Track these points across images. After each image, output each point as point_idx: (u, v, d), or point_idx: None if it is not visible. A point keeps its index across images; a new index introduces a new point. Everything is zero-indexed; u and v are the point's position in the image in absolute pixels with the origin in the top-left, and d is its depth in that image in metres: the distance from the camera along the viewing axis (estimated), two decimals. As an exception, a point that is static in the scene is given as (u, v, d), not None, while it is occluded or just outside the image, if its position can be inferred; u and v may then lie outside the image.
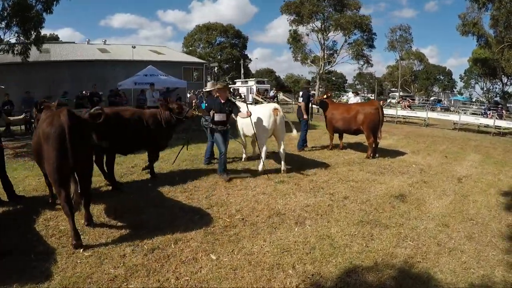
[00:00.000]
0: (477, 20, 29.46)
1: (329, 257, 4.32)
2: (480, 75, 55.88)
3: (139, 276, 3.80)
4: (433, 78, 71.30)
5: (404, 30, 61.63)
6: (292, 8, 45.27)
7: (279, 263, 4.09)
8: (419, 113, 27.90)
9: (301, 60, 48.20)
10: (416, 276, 4.05)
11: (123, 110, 7.78)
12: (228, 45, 63.12)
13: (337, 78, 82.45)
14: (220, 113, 7.87)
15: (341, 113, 11.27)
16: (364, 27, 46.62)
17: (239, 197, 6.43)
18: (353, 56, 48.26)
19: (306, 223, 5.34)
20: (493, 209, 6.54)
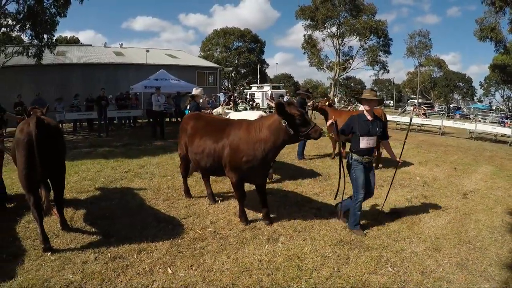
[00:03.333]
0: (495, 25, 28.89)
1: (291, 281, 4.05)
2: (498, 82, 55.04)
3: (92, 284, 3.80)
4: (452, 85, 70.19)
5: (423, 36, 60.94)
6: (307, 13, 45.56)
7: (234, 284, 3.90)
8: (434, 121, 27.25)
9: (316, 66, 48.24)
10: None
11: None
12: (245, 50, 63.34)
13: (356, 84, 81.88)
14: (368, 137, 5.56)
15: (342, 120, 11.03)
16: (380, 33, 46.57)
17: (219, 208, 6.29)
18: (369, 62, 48.12)
19: (279, 240, 5.12)
20: (496, 230, 5.97)
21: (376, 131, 5.64)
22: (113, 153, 11.30)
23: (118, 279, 3.88)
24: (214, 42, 63.84)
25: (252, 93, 42.96)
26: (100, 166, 9.17)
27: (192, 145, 6.19)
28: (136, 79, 22.44)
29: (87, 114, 18.18)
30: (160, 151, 11.47)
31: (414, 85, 66.00)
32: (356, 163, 5.63)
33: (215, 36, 63.82)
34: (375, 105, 5.82)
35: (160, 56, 34.16)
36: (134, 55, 32.52)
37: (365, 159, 5.61)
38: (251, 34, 64.39)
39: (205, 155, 5.94)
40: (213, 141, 5.88)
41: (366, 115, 5.71)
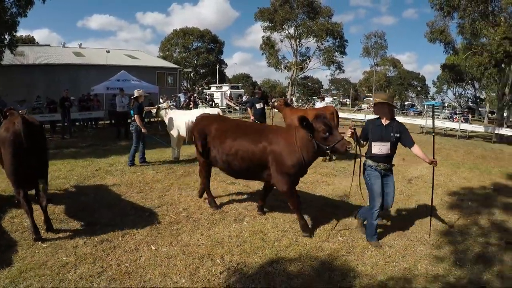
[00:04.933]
0: (444, 28, 30.28)
1: (257, 249, 4.84)
2: (448, 81, 57.44)
3: (86, 263, 4.28)
4: (406, 84, 73.04)
5: (379, 36, 63.00)
6: (266, 15, 45.97)
7: (210, 254, 4.61)
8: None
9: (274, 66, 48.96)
10: (337, 267, 4.50)
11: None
12: (205, 50, 63.17)
13: (313, 83, 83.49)
14: (380, 142, 5.28)
15: (297, 118, 11.84)
16: (335, 34, 47.69)
17: (189, 197, 6.93)
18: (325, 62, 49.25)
19: (244, 220, 5.88)
20: (435, 208, 6.94)
21: (390, 136, 5.26)
22: (80, 153, 11.57)
23: (108, 257, 4.42)
24: (174, 42, 63.31)
25: (211, 93, 43.28)
26: (71, 166, 9.47)
27: (222, 146, 5.90)
28: (97, 80, 22.38)
29: (50, 116, 18.00)
30: (127, 150, 11.55)
31: (370, 84, 68.05)
32: (370, 169, 5.38)
33: (175, 36, 63.29)
34: (385, 110, 5.35)
35: (121, 57, 34.02)
36: (94, 56, 32.25)
37: (381, 166, 5.33)
38: (210, 34, 64.32)
39: (239, 156, 5.71)
40: (250, 143, 5.67)
41: (381, 119, 5.40)
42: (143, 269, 4.16)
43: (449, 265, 4.75)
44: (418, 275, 4.43)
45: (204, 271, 4.21)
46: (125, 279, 3.96)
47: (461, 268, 4.64)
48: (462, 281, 4.36)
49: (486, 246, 5.36)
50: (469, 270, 4.59)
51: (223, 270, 4.25)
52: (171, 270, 4.16)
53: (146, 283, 3.88)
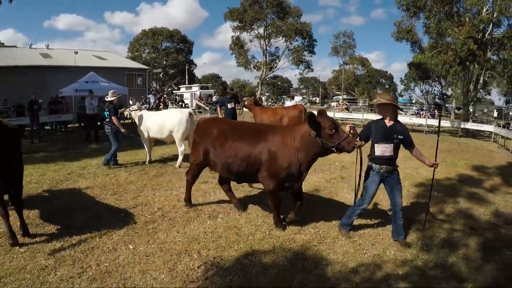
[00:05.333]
0: (411, 27, 31.13)
1: (233, 243, 5.03)
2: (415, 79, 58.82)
3: (66, 264, 4.34)
4: (375, 82, 74.25)
5: (347, 36, 63.93)
6: (235, 15, 45.98)
7: (187, 250, 4.77)
8: (355, 115, 29.59)
9: (244, 66, 49.06)
10: (310, 257, 4.75)
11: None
12: (174, 50, 62.59)
13: (283, 82, 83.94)
14: (383, 144, 5.21)
15: (268, 117, 12.14)
16: (304, 34, 48.14)
17: (163, 197, 7.04)
18: (294, 62, 49.68)
19: (218, 216, 6.07)
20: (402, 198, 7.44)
21: (394, 138, 5.20)
22: (51, 157, 11.40)
23: (87, 258, 4.50)
24: (142, 42, 62.42)
25: (181, 94, 43.05)
26: (42, 170, 9.38)
27: (223, 148, 5.83)
28: (66, 82, 21.88)
29: (18, 120, 17.42)
30: (97, 153, 11.72)
31: (339, 83, 69.06)
32: (372, 173, 5.37)
33: (143, 37, 62.39)
34: (389, 111, 5.27)
35: (89, 58, 33.32)
36: (62, 57, 31.44)
37: (383, 168, 5.27)
38: (180, 34, 63.66)
39: (239, 158, 5.64)
40: (249, 145, 5.61)
41: (384, 120, 5.33)
42: (123, 268, 4.28)
43: (417, 250, 5.07)
44: (387, 261, 4.71)
45: (182, 266, 4.36)
46: (105, 278, 4.06)
47: (428, 252, 4.97)
48: (429, 265, 4.67)
49: (452, 232, 5.74)
50: (436, 254, 4.93)
51: (201, 264, 4.42)
52: (150, 267, 4.29)
53: (126, 281, 4.00)
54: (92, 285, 3.93)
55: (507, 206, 7.38)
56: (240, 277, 4.18)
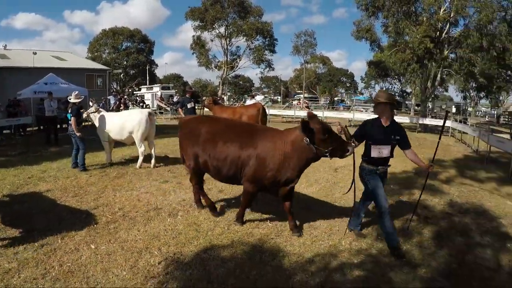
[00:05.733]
0: (370, 27, 31.79)
1: (192, 239, 5.19)
2: (374, 76, 60.21)
3: (29, 266, 4.36)
4: (336, 80, 75.34)
5: (309, 35, 64.60)
6: (197, 14, 45.64)
7: (148, 247, 4.90)
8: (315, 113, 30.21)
9: (205, 65, 48.86)
10: (267, 249, 4.95)
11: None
12: (135, 50, 61.22)
13: (244, 82, 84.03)
14: (380, 145, 5.05)
15: (228, 116, 12.26)
16: (265, 33, 48.34)
17: (124, 197, 7.09)
18: (255, 61, 49.86)
19: (178, 214, 6.20)
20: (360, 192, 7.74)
21: (391, 138, 5.06)
22: (10, 162, 11.07)
23: (50, 260, 4.53)
24: (103, 42, 60.60)
25: (142, 94, 42.42)
26: (2, 175, 9.15)
27: (213, 150, 5.59)
28: (24, 84, 21.14)
29: None
30: (58, 156, 11.53)
31: (301, 81, 69.60)
32: (370, 174, 5.20)
33: (104, 36, 60.54)
34: (387, 111, 5.08)
35: (48, 59, 32.04)
36: (20, 58, 30.14)
37: (380, 169, 5.17)
38: (140, 34, 62.30)
39: (228, 162, 5.44)
40: (239, 148, 5.39)
41: (381, 120, 5.13)
42: (85, 267, 4.35)
43: (372, 240, 5.36)
44: (343, 250, 4.96)
45: (143, 262, 4.49)
46: (68, 277, 4.12)
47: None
48: (383, 253, 4.94)
49: (406, 221, 5.98)
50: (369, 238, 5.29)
51: (161, 260, 4.55)
52: (112, 265, 4.39)
53: (89, 279, 4.08)
54: (56, 285, 3.98)
55: (461, 196, 7.89)
56: (199, 271, 4.33)
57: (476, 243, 5.45)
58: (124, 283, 4.02)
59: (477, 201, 7.69)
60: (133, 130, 9.63)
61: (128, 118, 9.87)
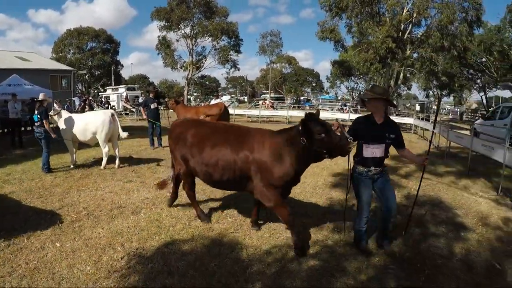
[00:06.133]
0: (334, 27, 32.44)
1: (154, 235, 5.40)
2: (338, 76, 61.27)
3: None
4: (302, 80, 76.22)
5: (275, 35, 65.31)
6: (162, 14, 45.32)
7: (111, 243, 5.08)
8: (281, 112, 30.69)
9: (171, 66, 48.60)
10: (226, 243, 5.19)
11: None
12: (100, 51, 60.18)
13: (211, 82, 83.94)
14: (374, 144, 4.70)
15: (191, 115, 12.40)
16: (231, 34, 48.54)
17: (88, 197, 7.19)
18: (220, 61, 49.95)
19: (141, 212, 6.38)
20: (318, 187, 8.23)
21: (385, 137, 4.69)
22: None
23: (16, 258, 4.62)
24: (67, 42, 59.17)
25: (107, 96, 41.76)
26: None
27: (201, 155, 5.34)
28: None
29: None
30: (23, 159, 11.37)
31: (267, 81, 70.16)
32: (360, 176, 4.81)
33: (68, 36, 59.13)
34: (380, 107, 4.74)
35: (11, 59, 31.21)
36: None
37: (372, 170, 4.76)
38: (106, 34, 61.23)
39: (220, 167, 5.15)
40: (231, 151, 5.09)
41: (374, 117, 4.77)
42: (51, 264, 4.49)
43: (328, 232, 5.64)
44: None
45: (107, 258, 4.67)
46: (34, 274, 4.24)
47: (338, 233, 5.56)
48: (339, 244, 5.24)
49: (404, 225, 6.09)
50: (346, 235, 5.49)
51: (124, 255, 4.74)
52: (76, 261, 4.55)
53: (54, 275, 4.22)
54: (23, 282, 4.10)
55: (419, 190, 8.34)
56: (160, 264, 4.53)
57: (431, 233, 5.77)
58: (88, 277, 4.19)
59: (434, 193, 8.13)
60: (97, 131, 9.62)
61: (91, 119, 9.86)
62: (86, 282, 4.08)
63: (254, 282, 4.20)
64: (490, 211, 7.01)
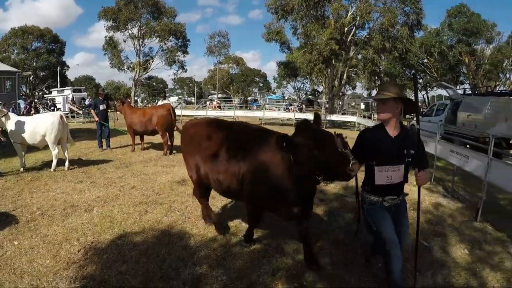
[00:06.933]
0: (280, 29, 33.10)
1: (107, 229, 5.67)
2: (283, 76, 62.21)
3: None
4: (249, 80, 76.46)
5: (222, 36, 65.16)
6: (110, 14, 44.22)
7: (67, 239, 5.29)
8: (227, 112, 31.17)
9: (118, 67, 47.60)
10: (175, 233, 5.54)
11: None
12: (45, 51, 56.95)
13: (158, 83, 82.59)
14: (389, 166, 3.44)
15: (138, 117, 12.56)
16: (178, 34, 48.19)
17: (41, 198, 7.24)
18: (167, 62, 49.51)
19: (94, 209, 6.59)
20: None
21: (403, 155, 3.41)
22: None
23: None
24: (11, 42, 55.30)
25: (53, 98, 40.22)
26: None
27: (213, 162, 4.70)
28: None
29: None
30: None
31: (215, 82, 69.88)
32: (373, 207, 3.64)
33: (12, 36, 55.24)
34: (395, 112, 3.38)
35: None
36: None
37: (388, 201, 3.59)
38: (51, 33, 57.81)
39: (229, 174, 4.51)
40: (237, 158, 4.44)
41: (386, 128, 3.46)
42: (11, 260, 4.62)
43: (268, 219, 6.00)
44: (242, 230, 5.58)
45: (64, 252, 4.88)
46: (-4, 270, 4.37)
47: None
48: (278, 229, 5.65)
49: None
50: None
51: (80, 249, 4.98)
52: (35, 256, 4.73)
53: (16, 270, 4.38)
54: (-16, 278, 4.21)
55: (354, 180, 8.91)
56: (115, 254, 4.82)
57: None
58: (48, 269, 4.41)
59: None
60: (46, 133, 9.45)
61: (40, 121, 9.66)
62: (46, 274, 4.31)
63: (201, 264, 4.64)
64: (422, 198, 7.61)
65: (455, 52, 44.40)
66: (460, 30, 44.06)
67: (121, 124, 16.47)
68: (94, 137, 14.11)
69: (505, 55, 43.19)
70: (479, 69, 44.74)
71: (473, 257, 5.14)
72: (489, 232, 6.10)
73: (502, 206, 7.83)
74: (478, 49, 44.85)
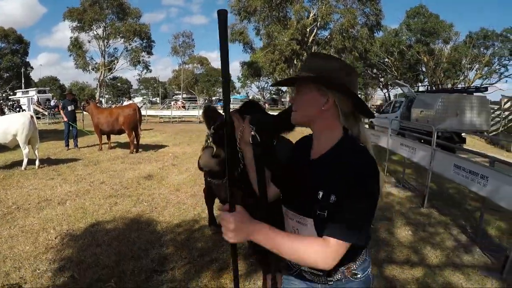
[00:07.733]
0: (243, 30, 33.46)
1: (81, 219, 6.04)
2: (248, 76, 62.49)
3: None
4: (214, 80, 76.04)
5: (187, 36, 64.53)
6: (75, 15, 43.37)
7: (44, 228, 5.63)
8: (191, 112, 31.26)
9: (82, 67, 46.77)
10: (143, 221, 5.99)
11: None
12: (9, 52, 54.80)
13: (123, 83, 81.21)
14: (294, 213, 1.64)
15: (105, 117, 12.76)
16: (143, 35, 47.78)
17: (15, 194, 7.45)
18: (132, 63, 49.02)
19: (67, 203, 6.91)
20: None
21: (316, 200, 1.53)
22: None
23: None
24: None
25: (17, 99, 39.15)
26: None
27: None
28: None
29: None
30: None
31: (179, 82, 69.27)
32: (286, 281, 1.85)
33: None
34: (312, 101, 1.61)
35: None
36: None
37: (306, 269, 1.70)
38: (15, 34, 55.57)
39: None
40: None
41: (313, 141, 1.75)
42: (-8, 250, 4.90)
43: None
44: (204, 217, 6.05)
45: (43, 239, 5.22)
46: (-22, 258, 4.63)
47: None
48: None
49: None
50: None
51: (57, 236, 5.33)
52: (16, 243, 5.04)
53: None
54: (-33, 268, 4.46)
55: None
56: (89, 239, 5.21)
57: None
58: (28, 254, 4.74)
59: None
60: (17, 133, 9.52)
61: (11, 121, 9.70)
62: (27, 258, 4.65)
63: (168, 246, 5.13)
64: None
65: (413, 52, 45.49)
66: (418, 30, 45.22)
67: (87, 125, 16.57)
68: (61, 137, 14.17)
69: (462, 54, 44.23)
70: (438, 68, 46.56)
71: (416, 237, 5.61)
72: (434, 217, 6.58)
73: (450, 194, 8.51)
74: (436, 49, 46.37)
